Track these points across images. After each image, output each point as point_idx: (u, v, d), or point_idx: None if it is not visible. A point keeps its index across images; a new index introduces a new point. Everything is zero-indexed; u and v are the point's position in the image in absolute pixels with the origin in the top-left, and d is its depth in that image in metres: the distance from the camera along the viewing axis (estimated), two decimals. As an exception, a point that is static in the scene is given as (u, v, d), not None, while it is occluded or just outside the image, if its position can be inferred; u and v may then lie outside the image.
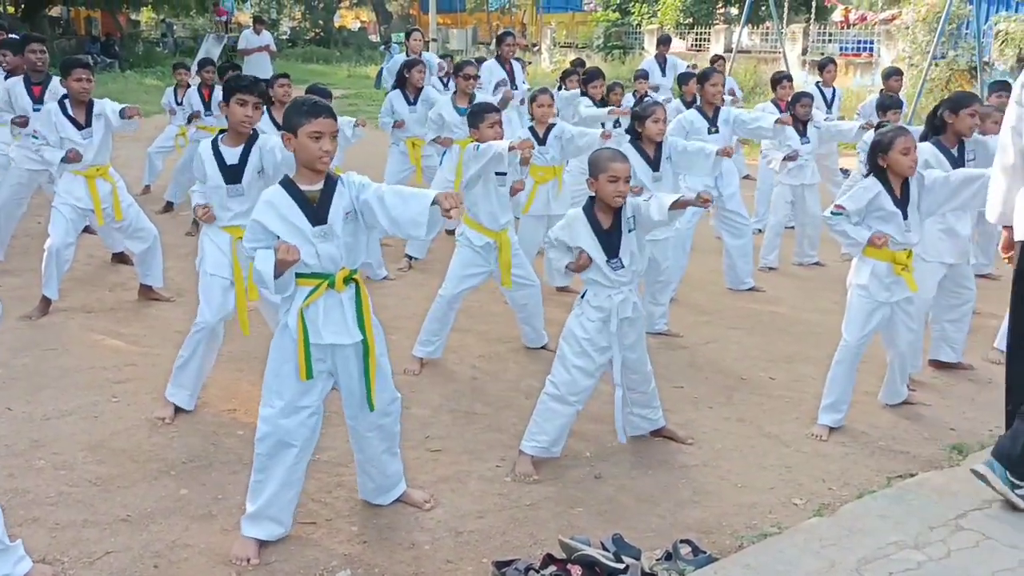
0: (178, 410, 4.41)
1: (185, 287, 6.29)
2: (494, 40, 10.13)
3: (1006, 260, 3.98)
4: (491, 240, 5.02)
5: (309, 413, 3.28)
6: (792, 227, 7.79)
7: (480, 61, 9.89)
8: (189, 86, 9.18)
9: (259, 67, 14.84)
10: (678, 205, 3.79)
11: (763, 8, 21.63)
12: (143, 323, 5.83)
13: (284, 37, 38.96)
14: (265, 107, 5.29)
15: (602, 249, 3.85)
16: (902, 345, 4.52)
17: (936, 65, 17.74)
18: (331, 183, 3.21)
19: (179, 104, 9.23)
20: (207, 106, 8.70)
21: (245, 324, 4.40)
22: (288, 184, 3.22)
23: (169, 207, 9.00)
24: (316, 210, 3.15)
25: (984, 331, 5.64)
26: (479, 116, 5.00)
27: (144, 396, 4.62)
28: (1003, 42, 17.78)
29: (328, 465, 3.91)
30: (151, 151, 9.70)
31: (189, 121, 8.94)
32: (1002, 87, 7.50)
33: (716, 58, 13.14)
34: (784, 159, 7.24)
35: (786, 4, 18.73)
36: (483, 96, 7.71)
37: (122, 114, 5.80)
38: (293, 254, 3.04)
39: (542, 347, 5.43)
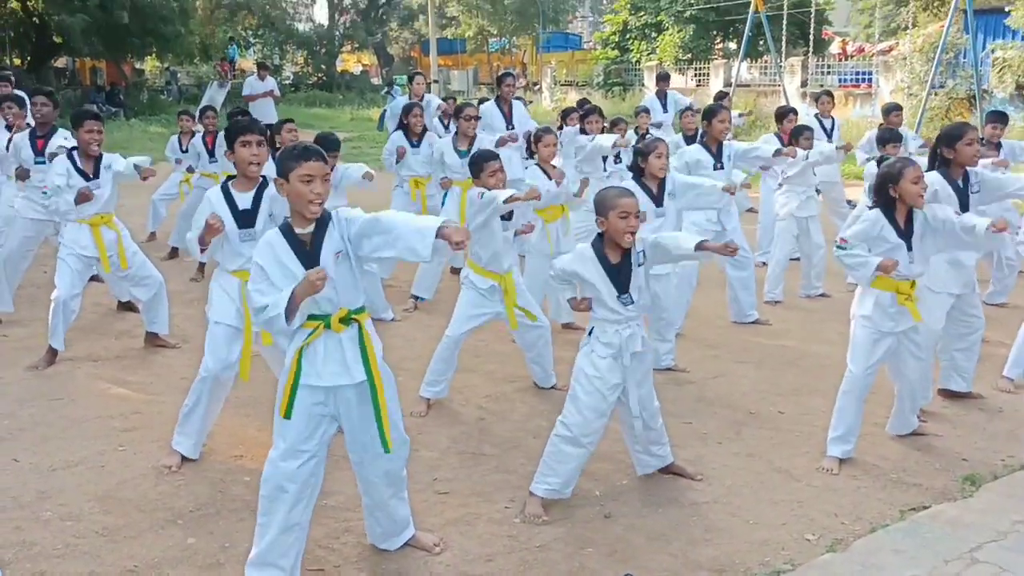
0: (185, 457, 4.40)
1: (191, 334, 6.30)
2: (495, 80, 10.22)
3: None
4: (495, 283, 5.02)
5: (309, 456, 3.26)
6: (797, 259, 7.79)
7: (482, 101, 9.97)
8: (194, 133, 9.26)
9: (264, 112, 15.02)
10: (704, 247, 3.78)
11: (761, 42, 21.83)
12: (149, 371, 5.83)
13: (287, 82, 39.40)
14: (271, 153, 5.32)
15: (612, 285, 3.85)
16: (911, 375, 4.49)
17: (935, 94, 17.84)
18: (322, 224, 3.23)
19: (184, 151, 9.31)
20: (211, 153, 8.78)
21: (246, 370, 4.37)
22: (285, 228, 3.24)
23: (174, 253, 9.04)
24: (309, 253, 3.17)
25: (993, 360, 5.61)
26: (479, 166, 5.00)
27: (150, 444, 4.60)
28: (1001, 69, 17.89)
29: (335, 510, 3.89)
30: (155, 198, 9.77)
31: (189, 171, 9.02)
32: (997, 118, 7.55)
33: (722, 94, 13.18)
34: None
35: (784, 38, 18.89)
36: (484, 137, 7.77)
37: (137, 170, 5.84)
38: (319, 282, 3.02)
39: (551, 387, 5.41)
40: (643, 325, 4.03)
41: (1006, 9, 16.56)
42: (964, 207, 4.81)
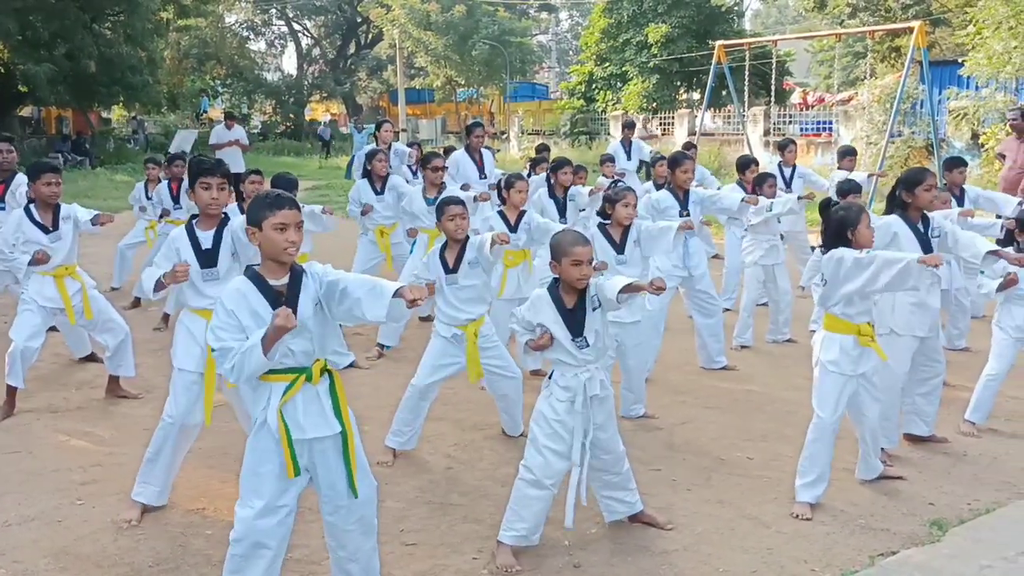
0: (145, 511, 4.30)
1: (155, 383, 6.20)
2: (464, 130, 10.30)
3: None
4: (460, 332, 5.01)
5: (287, 512, 3.22)
6: (764, 304, 7.85)
7: (450, 151, 10.04)
8: (160, 181, 9.22)
9: (231, 161, 14.94)
10: (629, 289, 3.81)
11: (724, 92, 22.23)
12: (110, 421, 5.72)
13: (256, 131, 39.49)
14: (239, 204, 5.30)
15: (567, 328, 3.85)
16: (872, 417, 4.52)
17: (894, 143, 18.23)
18: (297, 276, 3.21)
19: (149, 199, 9.26)
20: (176, 199, 8.73)
21: (209, 415, 4.29)
22: (256, 277, 3.21)
23: (137, 303, 8.93)
24: (285, 305, 3.12)
25: (956, 404, 5.66)
26: (440, 210, 5.03)
27: (110, 498, 4.50)
28: (957, 118, 18.33)
29: (300, 564, 3.81)
30: (121, 246, 9.68)
31: (160, 217, 8.96)
32: (956, 163, 7.73)
33: (688, 144, 13.34)
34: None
35: (746, 88, 19.25)
36: (454, 187, 7.81)
37: (93, 221, 5.79)
38: (287, 321, 2.98)
39: (519, 435, 5.37)
40: (605, 370, 4.03)
41: (960, 60, 17.03)
42: (926, 251, 4.88)
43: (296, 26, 48.45)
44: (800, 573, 3.76)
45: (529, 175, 9.39)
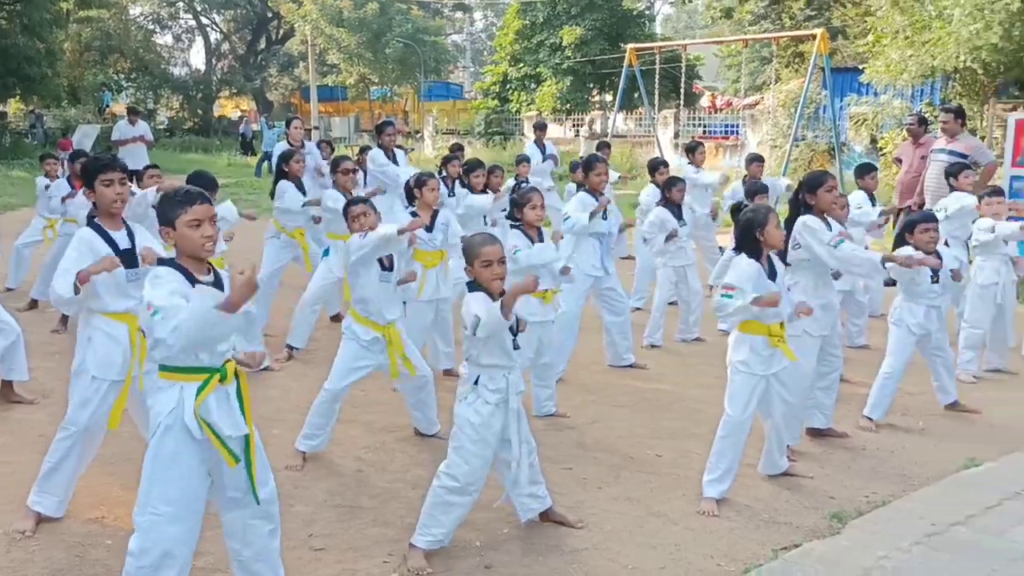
0: (40, 520, 4.12)
1: (51, 387, 5.97)
2: (375, 128, 10.18)
3: None
4: (379, 335, 4.95)
5: (197, 519, 3.14)
6: (674, 303, 7.98)
7: (365, 150, 9.91)
8: (57, 177, 8.86)
9: (135, 158, 14.49)
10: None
11: (636, 95, 22.56)
12: (3, 427, 5.47)
13: (162, 127, 38.37)
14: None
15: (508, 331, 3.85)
16: (778, 416, 4.64)
17: (798, 146, 18.78)
18: (218, 275, 3.17)
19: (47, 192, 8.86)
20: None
21: (117, 418, 4.09)
22: (185, 272, 3.11)
23: (34, 304, 8.57)
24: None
25: (856, 400, 5.86)
26: (345, 211, 4.99)
27: (3, 507, 4.30)
28: (857, 123, 19.00)
29: (205, 572, 3.71)
30: (18, 244, 9.23)
31: (63, 199, 8.50)
32: (868, 169, 8.03)
33: (602, 144, 13.44)
34: (666, 240, 7.47)
35: (657, 91, 19.58)
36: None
37: None
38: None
39: (433, 435, 5.34)
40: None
41: (860, 67, 17.64)
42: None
43: (204, 20, 47.21)
44: (706, 568, 3.83)
45: (440, 173, 9.36)
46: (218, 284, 3.15)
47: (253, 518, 3.29)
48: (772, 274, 4.49)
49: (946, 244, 6.07)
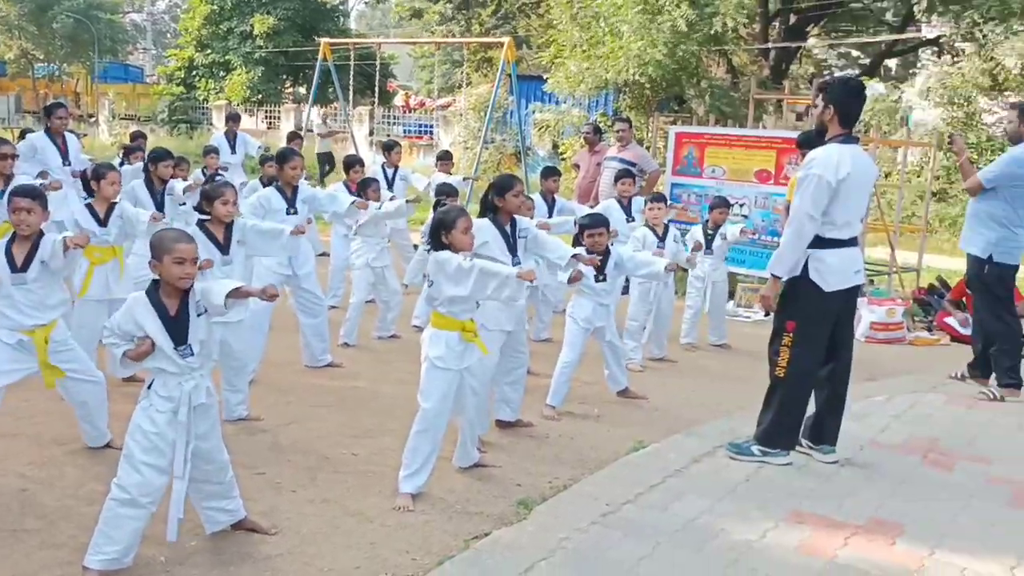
0: None
1: None
2: (43, 110, 9.24)
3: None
4: (26, 338, 4.50)
5: None
6: (371, 301, 8.00)
7: (26, 133, 8.99)
8: None
9: None
10: (238, 294, 3.72)
11: (330, 89, 22.35)
12: None
13: None
14: None
15: (168, 335, 3.63)
16: (470, 409, 4.80)
17: (487, 149, 19.58)
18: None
19: None
20: None
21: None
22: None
23: None
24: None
25: (539, 390, 6.21)
26: (8, 201, 4.49)
27: None
28: (541, 129, 20.17)
29: None
30: None
31: None
32: (551, 172, 8.54)
33: (293, 135, 13.08)
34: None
35: (351, 87, 19.52)
36: (29, 170, 7.00)
37: None
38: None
39: (105, 446, 4.95)
40: (209, 376, 3.86)
41: (544, 76, 18.73)
42: (512, 251, 5.29)
43: None
44: (402, 563, 3.88)
45: (122, 164, 8.72)
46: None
47: None
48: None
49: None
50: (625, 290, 7.77)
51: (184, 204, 7.51)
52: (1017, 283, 7.13)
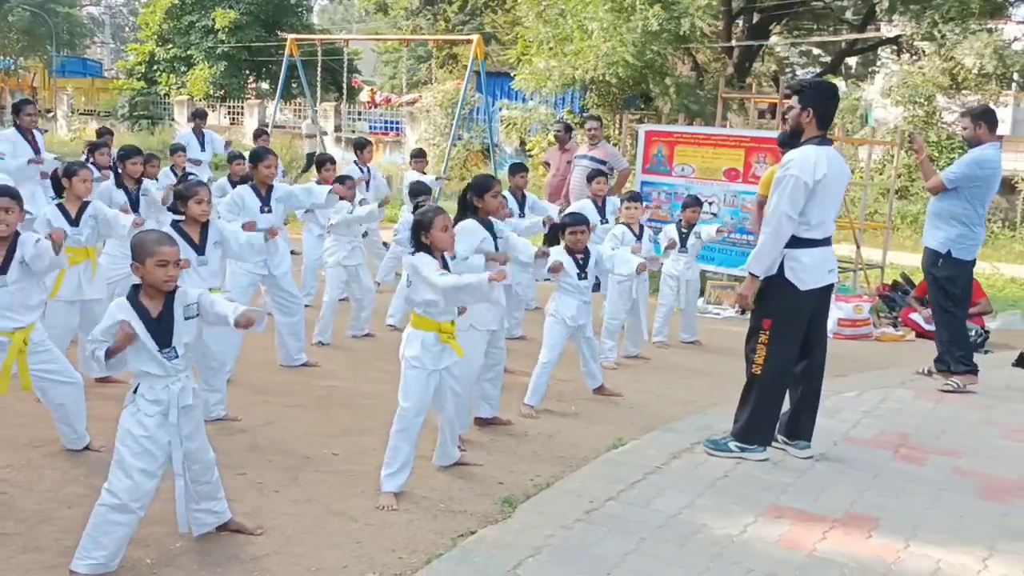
0: None
1: None
2: (11, 108, 9.11)
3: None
4: (6, 339, 4.46)
5: None
6: (345, 299, 7.98)
7: (-13, 129, 8.86)
8: None
9: None
10: (246, 319, 3.72)
11: (295, 85, 22.19)
12: None
13: None
14: None
15: (152, 338, 3.62)
16: (450, 409, 4.83)
17: (455, 146, 19.55)
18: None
19: None
20: None
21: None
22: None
23: None
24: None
25: (517, 388, 6.25)
26: None
27: None
28: (507, 126, 20.19)
29: None
30: None
31: None
32: (519, 168, 8.56)
33: (260, 132, 12.95)
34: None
35: (318, 82, 19.39)
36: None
37: None
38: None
39: (84, 448, 4.90)
40: (192, 376, 3.85)
41: (511, 73, 18.75)
42: (496, 251, 5.33)
43: None
44: (389, 562, 3.90)
45: (88, 161, 8.61)
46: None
47: None
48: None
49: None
50: (595, 288, 7.84)
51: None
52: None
